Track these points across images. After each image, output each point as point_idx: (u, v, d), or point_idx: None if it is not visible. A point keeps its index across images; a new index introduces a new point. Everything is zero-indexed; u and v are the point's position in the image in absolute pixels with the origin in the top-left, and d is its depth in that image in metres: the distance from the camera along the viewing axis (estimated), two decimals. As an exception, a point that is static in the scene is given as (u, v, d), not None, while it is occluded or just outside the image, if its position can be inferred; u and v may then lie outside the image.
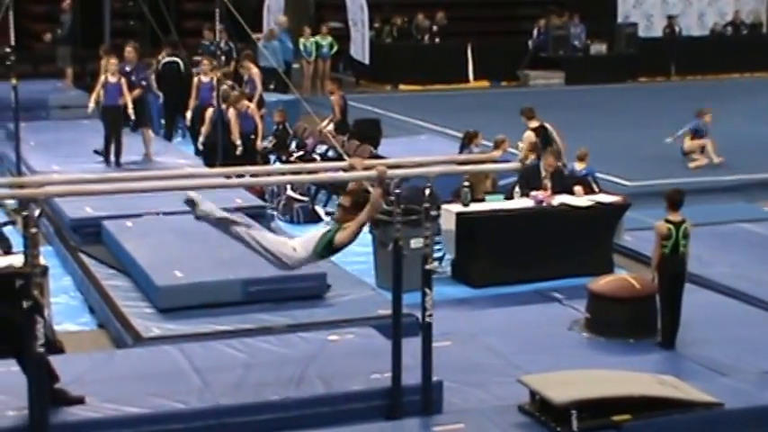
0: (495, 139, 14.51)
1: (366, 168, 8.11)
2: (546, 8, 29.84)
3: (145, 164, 16.02)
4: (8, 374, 7.87)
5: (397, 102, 24.81)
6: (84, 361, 8.86)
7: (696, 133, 17.78)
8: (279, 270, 10.73)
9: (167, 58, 19.50)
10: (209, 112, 16.88)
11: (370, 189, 8.07)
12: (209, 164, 15.86)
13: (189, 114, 17.64)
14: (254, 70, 19.15)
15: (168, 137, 19.36)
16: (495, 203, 12.51)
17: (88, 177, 9.55)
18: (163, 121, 20.44)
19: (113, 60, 16.59)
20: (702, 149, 17.72)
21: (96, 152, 16.34)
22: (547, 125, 15.16)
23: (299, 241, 8.22)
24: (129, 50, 17.60)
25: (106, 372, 8.41)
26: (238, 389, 8.11)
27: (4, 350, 7.93)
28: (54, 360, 7.72)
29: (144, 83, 17.59)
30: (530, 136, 14.88)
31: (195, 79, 18.00)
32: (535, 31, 29.08)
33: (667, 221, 9.60)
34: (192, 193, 8.01)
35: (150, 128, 17.47)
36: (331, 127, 17.47)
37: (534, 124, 15.16)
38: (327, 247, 8.03)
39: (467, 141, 15.16)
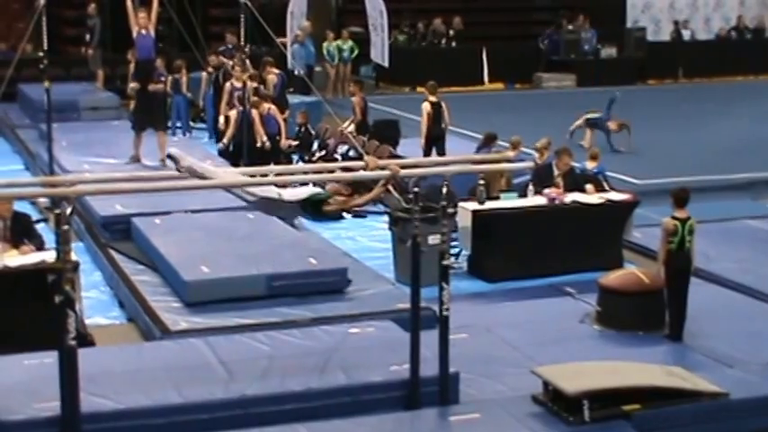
0: (511, 140, 14.76)
1: (381, 168, 8.28)
2: (558, 14, 30.11)
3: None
4: (41, 366, 8.07)
5: (416, 103, 24.80)
6: (114, 353, 9.06)
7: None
8: (302, 266, 10.99)
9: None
10: (234, 113, 17.01)
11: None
12: (234, 164, 15.81)
13: (222, 119, 17.54)
14: (270, 76, 19.23)
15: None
16: (509, 201, 12.64)
17: (118, 176, 9.76)
18: (191, 123, 20.69)
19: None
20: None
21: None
22: (442, 103, 16.67)
23: None
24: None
25: (135, 363, 8.55)
26: (263, 380, 8.24)
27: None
28: (85, 352, 7.75)
29: (162, 78, 17.56)
30: (426, 106, 16.58)
31: (228, 84, 17.82)
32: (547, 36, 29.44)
33: (674, 218, 9.70)
34: (174, 150, 8.45)
35: (166, 130, 17.43)
36: (352, 128, 17.60)
37: (433, 99, 16.49)
38: None
39: (485, 142, 15.43)
